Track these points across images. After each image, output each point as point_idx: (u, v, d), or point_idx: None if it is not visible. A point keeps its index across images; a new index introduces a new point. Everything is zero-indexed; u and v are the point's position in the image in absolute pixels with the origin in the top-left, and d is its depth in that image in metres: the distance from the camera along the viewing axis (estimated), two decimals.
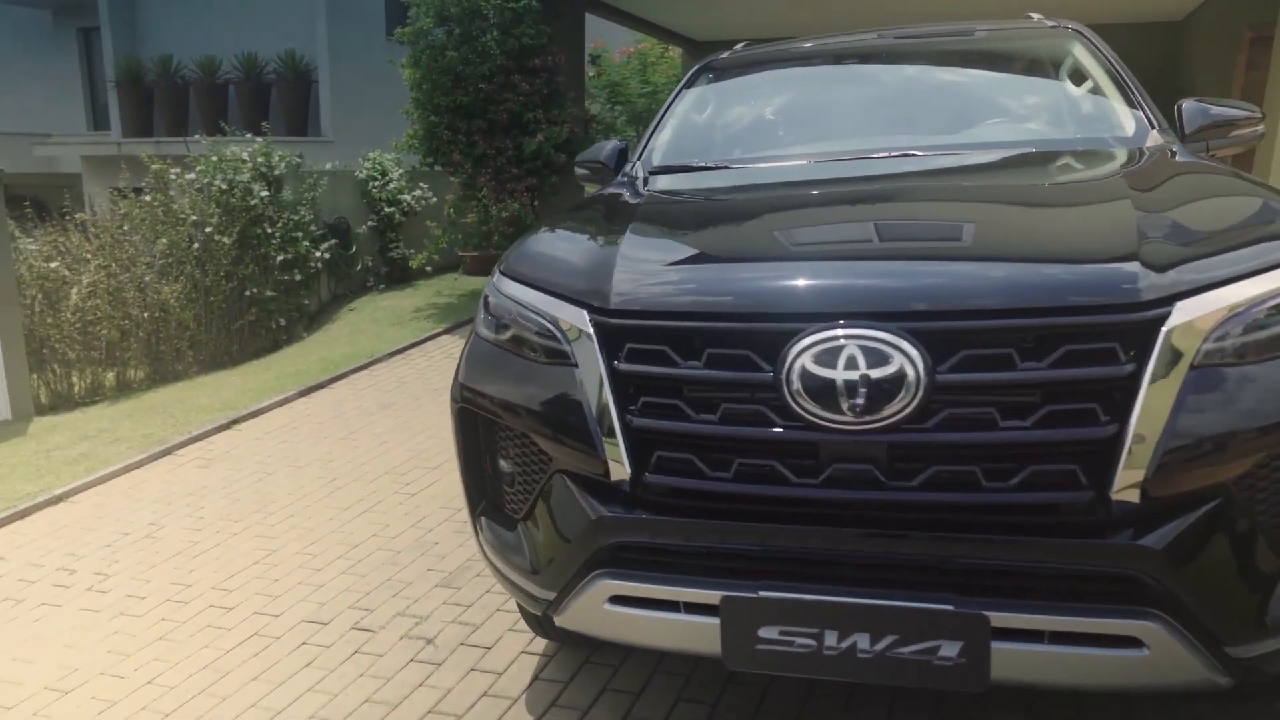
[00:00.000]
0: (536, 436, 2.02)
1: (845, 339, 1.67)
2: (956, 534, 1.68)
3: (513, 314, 2.15)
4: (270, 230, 8.82)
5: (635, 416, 1.83)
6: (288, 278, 8.94)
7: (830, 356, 1.67)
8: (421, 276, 10.35)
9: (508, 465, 2.17)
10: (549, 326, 2.01)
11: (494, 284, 2.29)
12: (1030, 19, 3.74)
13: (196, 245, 8.45)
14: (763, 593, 1.74)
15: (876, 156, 2.89)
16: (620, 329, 1.88)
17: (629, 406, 1.84)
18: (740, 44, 4.02)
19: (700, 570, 1.82)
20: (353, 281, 10.06)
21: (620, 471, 1.83)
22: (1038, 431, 1.64)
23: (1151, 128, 2.84)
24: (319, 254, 9.25)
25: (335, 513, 4.19)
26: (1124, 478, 1.60)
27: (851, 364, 1.65)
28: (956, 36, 3.58)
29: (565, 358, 1.96)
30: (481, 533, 2.27)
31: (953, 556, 1.69)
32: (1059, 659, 1.66)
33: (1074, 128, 3.02)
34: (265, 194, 8.82)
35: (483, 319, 2.29)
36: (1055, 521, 1.66)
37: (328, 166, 10.28)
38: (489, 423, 2.19)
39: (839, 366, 1.66)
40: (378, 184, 10.46)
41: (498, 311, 2.22)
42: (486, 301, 2.30)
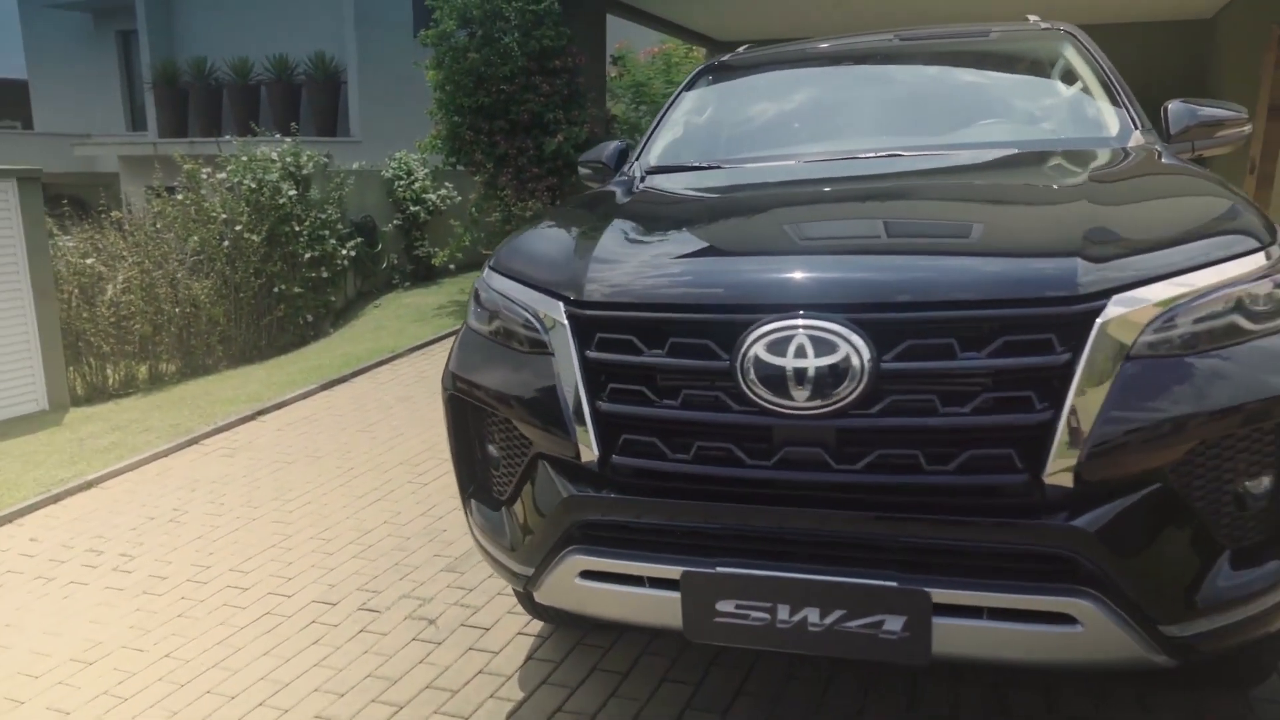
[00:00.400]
0: (518, 422, 2.15)
1: (796, 329, 1.77)
2: (900, 514, 1.78)
3: (500, 307, 2.28)
4: (298, 228, 9.05)
5: (604, 402, 1.95)
6: (315, 275, 9.16)
7: (782, 345, 1.77)
8: (445, 274, 10.54)
9: (494, 450, 2.30)
10: (530, 318, 2.14)
11: (484, 278, 2.42)
12: (1028, 21, 3.80)
13: (227, 243, 8.70)
14: (720, 568, 1.85)
15: (862, 157, 2.97)
16: (591, 319, 2.01)
17: (599, 393, 1.96)
18: (743, 46, 4.12)
19: (663, 547, 1.93)
20: (378, 279, 10.27)
21: (589, 454, 1.95)
22: (976, 417, 1.73)
23: (1135, 128, 2.90)
24: (345, 252, 9.47)
25: (350, 500, 4.35)
26: (1057, 462, 1.68)
27: (801, 352, 1.75)
28: (951, 39, 3.66)
29: (544, 347, 2.08)
30: (471, 515, 2.40)
31: (897, 535, 1.79)
32: (997, 634, 1.75)
33: (1058, 128, 3.08)
34: (293, 193, 9.05)
35: (474, 311, 2.42)
36: (993, 503, 1.75)
37: (355, 166, 10.50)
38: (477, 410, 2.32)
39: (789, 355, 1.76)
40: (403, 183, 10.66)
41: (487, 305, 2.35)
42: (478, 295, 2.43)
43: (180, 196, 8.88)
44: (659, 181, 3.04)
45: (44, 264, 6.71)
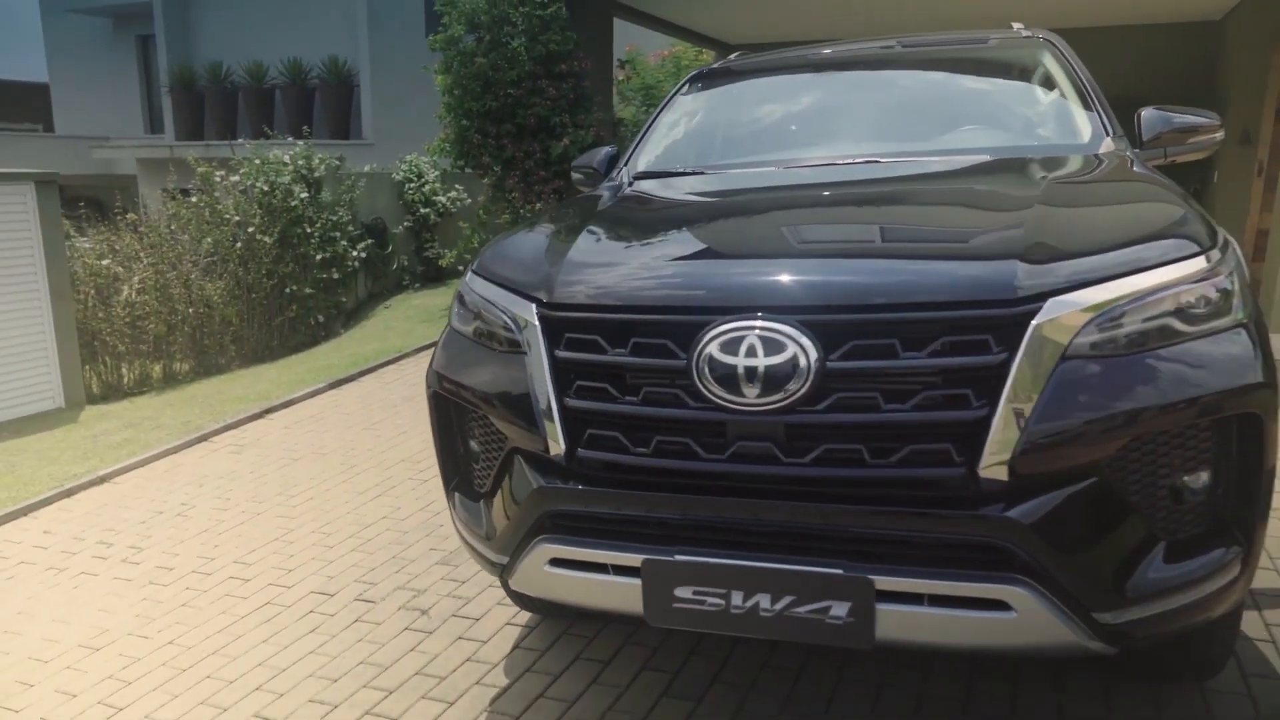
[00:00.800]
0: (495, 417, 2.26)
1: (747, 330, 1.88)
2: (846, 505, 1.88)
3: (480, 309, 2.39)
4: (310, 230, 9.21)
5: (571, 398, 2.06)
6: (326, 276, 9.32)
7: (734, 345, 1.87)
8: (455, 276, 10.68)
9: (475, 445, 2.42)
10: (508, 320, 2.25)
11: (467, 281, 2.54)
12: (1010, 29, 3.88)
13: (239, 244, 8.86)
14: (678, 556, 1.96)
15: (839, 163, 3.06)
16: (561, 320, 2.12)
17: (566, 390, 2.08)
18: (734, 54, 4.22)
19: (626, 536, 2.04)
20: (389, 280, 10.43)
21: (557, 447, 2.06)
22: (916, 414, 1.82)
23: (1106, 135, 2.98)
24: (356, 253, 9.62)
25: (352, 496, 4.48)
26: (991, 457, 1.78)
27: (752, 352, 1.86)
28: (932, 47, 3.75)
29: (519, 347, 2.20)
30: (455, 508, 2.52)
31: (843, 526, 1.89)
32: (936, 620, 1.84)
33: (1031, 135, 3.16)
34: (305, 195, 9.21)
35: (457, 312, 2.54)
36: (933, 495, 1.84)
37: (366, 169, 10.66)
38: (459, 407, 2.44)
39: (741, 354, 1.86)
40: (413, 186, 10.81)
41: (470, 306, 2.47)
42: (461, 297, 2.54)
43: (195, 199, 9.06)
44: (643, 186, 3.14)
45: (60, 266, 6.89)
